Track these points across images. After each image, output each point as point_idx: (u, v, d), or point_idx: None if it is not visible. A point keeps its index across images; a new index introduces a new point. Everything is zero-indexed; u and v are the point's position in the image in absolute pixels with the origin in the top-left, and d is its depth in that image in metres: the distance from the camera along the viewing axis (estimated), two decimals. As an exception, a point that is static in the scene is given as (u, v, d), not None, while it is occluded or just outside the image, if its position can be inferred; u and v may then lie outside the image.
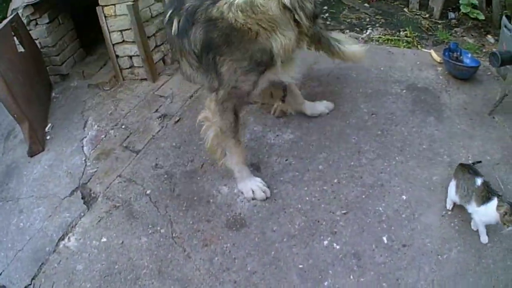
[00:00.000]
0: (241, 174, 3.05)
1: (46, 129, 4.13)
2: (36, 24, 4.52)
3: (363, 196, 2.90)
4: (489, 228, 2.52)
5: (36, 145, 3.87)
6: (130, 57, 4.45)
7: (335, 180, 3.03)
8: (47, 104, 4.47)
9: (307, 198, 2.94)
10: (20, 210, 3.32)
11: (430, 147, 3.23)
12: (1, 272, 2.88)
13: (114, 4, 4.10)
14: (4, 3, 6.21)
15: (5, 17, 4.85)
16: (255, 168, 3.22)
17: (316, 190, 2.98)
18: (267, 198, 2.98)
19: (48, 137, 4.03)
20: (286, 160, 3.23)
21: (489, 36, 4.84)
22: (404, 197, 2.87)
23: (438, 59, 4.19)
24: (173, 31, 2.66)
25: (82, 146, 3.81)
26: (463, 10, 4.94)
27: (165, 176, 3.32)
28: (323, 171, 3.11)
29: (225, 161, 3.04)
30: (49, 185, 3.47)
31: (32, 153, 3.85)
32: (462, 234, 2.60)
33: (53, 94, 4.67)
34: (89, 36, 5.04)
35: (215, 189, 3.14)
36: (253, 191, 2.99)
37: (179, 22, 2.58)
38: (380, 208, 2.82)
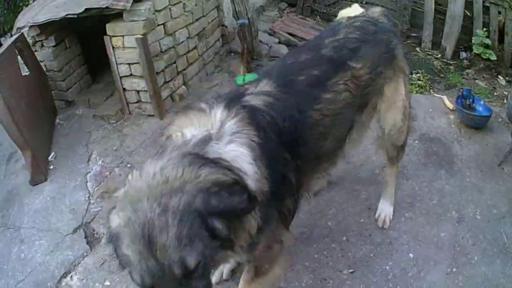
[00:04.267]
0: None
1: (49, 158, 4.06)
2: (42, 46, 4.46)
3: (371, 255, 2.86)
4: None
5: (38, 175, 3.80)
6: (138, 91, 4.37)
7: (344, 238, 2.98)
8: (51, 131, 4.40)
9: (315, 256, 2.88)
10: (21, 240, 3.28)
11: (439, 202, 3.22)
12: (2, 301, 2.85)
13: (123, 36, 4.03)
14: (11, 13, 6.16)
15: (11, 27, 4.79)
16: (263, 222, 3.14)
17: (325, 248, 2.92)
18: None
19: (51, 167, 3.97)
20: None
21: (500, 78, 4.85)
22: (411, 255, 2.84)
23: (451, 106, 4.18)
24: None
25: (86, 182, 3.75)
26: (475, 50, 4.98)
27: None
28: (332, 228, 3.06)
29: None
30: (51, 219, 3.42)
31: (34, 183, 3.78)
32: (464, 291, 2.60)
33: (57, 120, 4.61)
34: (96, 61, 4.95)
35: (221, 240, 3.06)
36: None
37: None
38: (387, 267, 2.77)
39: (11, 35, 4.54)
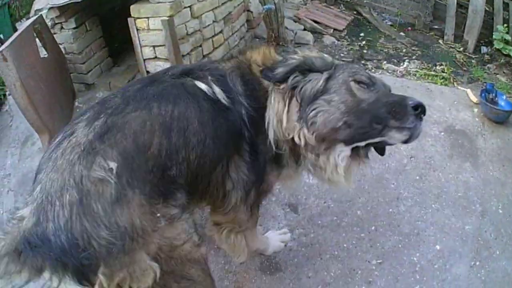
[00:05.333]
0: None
1: (68, 141, 3.98)
2: (62, 28, 4.37)
3: (399, 246, 2.86)
4: None
5: (57, 158, 3.72)
6: (162, 74, 4.28)
7: (373, 228, 2.97)
8: (70, 114, 4.31)
9: (344, 245, 2.87)
10: (35, 226, 3.22)
11: (465, 195, 3.24)
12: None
13: (148, 18, 3.95)
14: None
15: (28, 13, 4.70)
16: (292, 210, 3.13)
17: (354, 237, 2.92)
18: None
19: (70, 150, 3.89)
20: (325, 202, 3.17)
21: (519, 74, 4.88)
22: (438, 247, 2.86)
23: (475, 99, 4.22)
24: None
25: (106, 166, 3.68)
26: (496, 46, 5.01)
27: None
28: (361, 217, 3.06)
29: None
30: (70, 204, 3.36)
31: (51, 167, 3.70)
32: (487, 284, 2.63)
33: (77, 103, 4.55)
34: (117, 44, 4.89)
35: (248, 228, 3.05)
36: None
37: None
38: (415, 258, 2.78)
39: (28, 19, 4.46)
